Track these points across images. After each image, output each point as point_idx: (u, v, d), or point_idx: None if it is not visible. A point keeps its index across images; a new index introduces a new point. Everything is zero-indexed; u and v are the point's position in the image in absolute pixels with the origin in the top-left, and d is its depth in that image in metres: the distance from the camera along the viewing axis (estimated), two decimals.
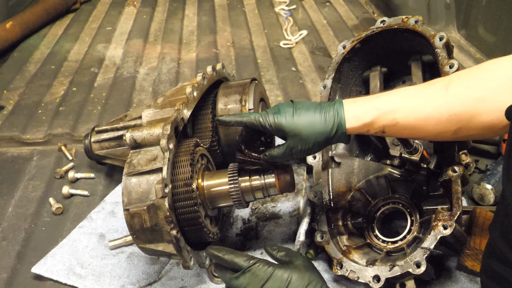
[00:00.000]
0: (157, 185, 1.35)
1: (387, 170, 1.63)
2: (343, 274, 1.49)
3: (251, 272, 1.24)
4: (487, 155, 2.09)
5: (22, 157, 2.29)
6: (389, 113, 1.29)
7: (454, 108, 1.23)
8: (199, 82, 1.69)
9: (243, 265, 1.25)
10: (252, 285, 1.22)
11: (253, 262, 1.25)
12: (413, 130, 1.29)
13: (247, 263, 1.25)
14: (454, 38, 3.21)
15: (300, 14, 3.87)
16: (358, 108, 1.31)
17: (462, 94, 1.23)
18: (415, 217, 1.53)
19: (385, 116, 1.29)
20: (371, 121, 1.30)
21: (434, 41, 1.58)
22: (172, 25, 3.77)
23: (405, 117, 1.27)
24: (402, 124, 1.28)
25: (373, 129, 1.30)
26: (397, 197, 1.60)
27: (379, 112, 1.29)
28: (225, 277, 1.30)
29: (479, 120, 1.22)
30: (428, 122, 1.26)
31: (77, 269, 1.67)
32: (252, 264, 1.24)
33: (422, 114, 1.26)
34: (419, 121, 1.27)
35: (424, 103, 1.27)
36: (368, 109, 1.30)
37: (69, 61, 3.23)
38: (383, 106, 1.29)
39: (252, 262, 1.24)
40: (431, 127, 1.27)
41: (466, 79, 1.25)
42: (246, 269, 1.24)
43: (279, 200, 1.94)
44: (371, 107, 1.30)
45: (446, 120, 1.24)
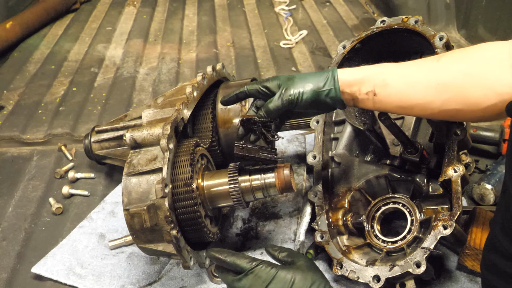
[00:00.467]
0: (157, 185, 1.35)
1: (387, 170, 1.63)
2: (343, 274, 1.49)
3: (254, 274, 1.23)
4: (487, 155, 2.09)
5: (22, 157, 2.29)
6: (379, 74, 1.34)
7: (442, 77, 1.27)
8: (199, 82, 1.69)
9: (246, 267, 1.25)
10: (255, 287, 1.22)
11: (255, 264, 1.24)
12: (402, 95, 1.31)
13: (250, 265, 1.25)
14: (454, 38, 3.21)
15: (300, 14, 3.87)
16: (350, 69, 1.38)
17: (451, 66, 1.27)
18: (415, 217, 1.53)
19: (376, 76, 1.33)
20: (362, 78, 1.34)
21: (434, 41, 1.58)
22: (172, 25, 3.77)
23: (395, 80, 1.31)
24: (392, 87, 1.31)
25: (365, 88, 1.33)
26: (397, 197, 1.60)
27: (369, 71, 1.35)
28: (227, 279, 1.29)
29: (466, 94, 1.24)
30: (416, 89, 1.29)
31: (77, 269, 1.67)
32: (254, 266, 1.24)
33: (411, 78, 1.31)
34: (408, 86, 1.30)
35: (414, 70, 1.32)
36: (360, 69, 1.37)
37: (69, 61, 3.23)
38: (374, 68, 1.36)
39: (255, 264, 1.24)
40: (420, 94, 1.29)
41: (457, 54, 1.30)
42: (249, 271, 1.24)
43: (279, 200, 1.94)
44: (362, 68, 1.38)
45: (434, 89, 1.27)
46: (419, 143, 1.59)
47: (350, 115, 1.82)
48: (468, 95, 1.24)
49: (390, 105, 1.35)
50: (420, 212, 1.55)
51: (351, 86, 1.33)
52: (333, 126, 1.86)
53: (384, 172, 1.63)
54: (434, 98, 1.28)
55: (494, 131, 2.06)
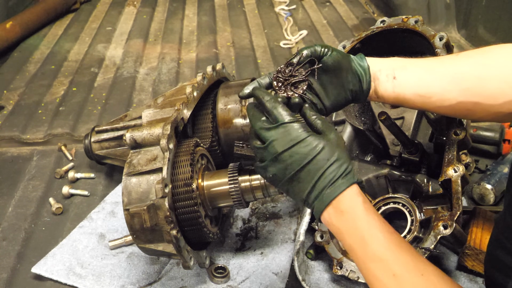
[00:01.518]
0: (157, 185, 1.35)
1: (387, 170, 1.63)
2: (343, 274, 1.49)
3: (285, 129, 1.14)
4: (487, 155, 2.09)
5: (22, 157, 2.28)
6: (399, 60, 1.35)
7: (460, 67, 1.28)
8: (199, 82, 1.69)
9: (281, 119, 1.15)
10: (280, 142, 1.14)
11: (291, 119, 1.15)
12: (421, 81, 1.31)
13: (287, 118, 1.15)
14: (454, 38, 3.21)
15: (300, 14, 3.87)
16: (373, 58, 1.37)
17: (469, 58, 1.29)
18: (415, 217, 1.53)
19: (395, 61, 1.34)
20: (382, 61, 1.34)
21: (434, 41, 1.58)
22: (172, 25, 3.77)
23: (413, 66, 1.32)
24: (410, 71, 1.31)
25: (385, 70, 1.32)
26: (397, 197, 1.60)
27: (390, 59, 1.36)
28: (256, 123, 1.19)
29: (483, 86, 1.25)
30: (435, 76, 1.29)
31: (77, 269, 1.67)
32: (289, 122, 1.15)
33: (429, 67, 1.31)
34: (427, 72, 1.31)
35: (432, 60, 1.34)
36: (381, 59, 1.37)
37: (69, 61, 3.23)
38: (393, 58, 1.37)
39: (290, 119, 1.15)
40: (438, 82, 1.29)
41: (476, 50, 1.32)
42: (282, 124, 1.15)
43: (279, 200, 1.95)
44: (384, 58, 1.38)
45: (452, 77, 1.27)
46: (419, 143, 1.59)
47: (350, 115, 1.82)
48: (485, 86, 1.24)
49: (409, 91, 1.32)
50: (420, 212, 1.55)
51: (373, 65, 1.33)
52: (333, 126, 1.86)
53: (384, 172, 1.63)
54: (452, 88, 1.28)
55: (494, 131, 2.06)
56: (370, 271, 1.07)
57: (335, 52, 1.31)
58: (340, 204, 1.10)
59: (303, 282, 1.57)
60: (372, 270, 1.06)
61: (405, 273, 1.04)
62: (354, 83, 1.33)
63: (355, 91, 1.34)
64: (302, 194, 1.13)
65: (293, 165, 1.12)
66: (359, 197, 1.11)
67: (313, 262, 1.67)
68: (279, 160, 1.14)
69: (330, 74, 1.33)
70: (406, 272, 1.04)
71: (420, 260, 1.07)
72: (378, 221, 1.10)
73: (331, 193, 1.10)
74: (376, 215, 1.11)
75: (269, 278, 1.61)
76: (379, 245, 1.06)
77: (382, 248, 1.06)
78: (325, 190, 1.10)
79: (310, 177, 1.11)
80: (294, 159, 1.12)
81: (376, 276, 1.05)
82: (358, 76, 1.32)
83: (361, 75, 1.32)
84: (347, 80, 1.33)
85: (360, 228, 1.08)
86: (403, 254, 1.06)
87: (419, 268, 1.04)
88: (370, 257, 1.06)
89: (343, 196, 1.10)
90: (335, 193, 1.10)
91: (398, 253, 1.06)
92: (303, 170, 1.12)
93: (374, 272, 1.06)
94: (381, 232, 1.08)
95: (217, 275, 1.61)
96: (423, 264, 1.06)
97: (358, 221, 1.09)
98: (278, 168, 1.14)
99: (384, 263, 1.05)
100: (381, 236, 1.07)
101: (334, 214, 1.11)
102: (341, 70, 1.32)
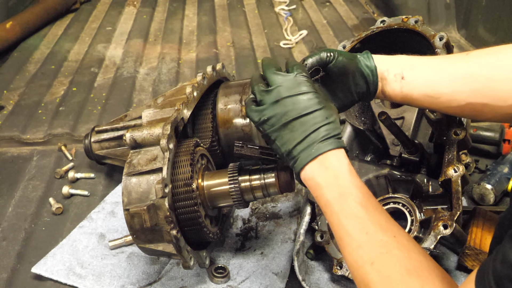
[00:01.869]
0: (157, 185, 1.35)
1: (387, 170, 1.63)
2: (343, 274, 1.49)
3: (296, 79, 1.18)
4: (487, 155, 2.09)
5: (22, 157, 2.29)
6: (407, 59, 1.33)
7: (470, 68, 1.26)
8: (199, 82, 1.69)
9: (294, 71, 1.20)
10: (286, 88, 1.17)
11: (305, 75, 1.20)
12: (429, 81, 1.29)
13: (300, 73, 1.20)
14: (454, 38, 3.20)
15: (300, 14, 3.87)
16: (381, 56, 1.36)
17: (480, 58, 1.28)
18: (415, 217, 1.53)
19: (404, 60, 1.33)
20: (390, 60, 1.33)
21: (434, 41, 1.58)
22: (172, 25, 3.77)
23: (422, 65, 1.31)
24: (419, 71, 1.30)
25: (393, 70, 1.31)
26: (397, 197, 1.60)
27: (398, 57, 1.35)
28: (269, 68, 1.23)
29: (493, 87, 1.24)
30: (444, 77, 1.28)
31: (77, 269, 1.67)
32: (301, 76, 1.20)
33: (439, 66, 1.30)
34: (436, 72, 1.29)
35: (442, 60, 1.33)
36: (387, 56, 1.36)
37: (69, 61, 3.23)
38: (402, 55, 1.36)
39: (304, 75, 1.20)
40: (447, 82, 1.28)
41: (487, 50, 1.30)
42: (294, 74, 1.19)
43: (279, 200, 1.95)
44: (390, 56, 1.36)
45: (462, 79, 1.26)
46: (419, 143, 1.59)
47: (350, 115, 1.82)
48: (495, 88, 1.23)
49: (417, 91, 1.32)
50: (420, 212, 1.55)
51: (380, 65, 1.32)
52: None
53: (384, 172, 1.63)
54: (461, 89, 1.27)
55: (494, 131, 2.06)
56: (342, 227, 1.08)
57: (341, 57, 1.31)
58: (325, 161, 1.13)
59: (303, 282, 1.57)
60: (345, 226, 1.08)
61: (379, 232, 1.05)
62: (361, 85, 1.33)
63: (361, 93, 1.35)
64: (290, 144, 1.16)
65: (291, 112, 1.15)
66: (346, 159, 1.14)
67: (313, 262, 1.67)
68: (280, 104, 1.16)
69: (336, 79, 1.34)
70: (380, 231, 1.05)
71: (394, 223, 1.08)
72: (359, 183, 1.12)
73: (320, 148, 1.13)
74: (358, 178, 1.14)
75: (269, 278, 1.62)
76: (356, 202, 1.08)
77: (359, 206, 1.08)
78: (315, 144, 1.13)
79: (304, 128, 1.15)
80: (295, 107, 1.15)
81: (349, 232, 1.07)
82: (365, 77, 1.32)
83: (368, 76, 1.32)
84: (354, 83, 1.33)
85: (342, 185, 1.11)
86: (378, 215, 1.08)
87: (392, 230, 1.06)
88: (346, 213, 1.08)
89: (331, 154, 1.13)
90: (324, 149, 1.13)
91: (373, 213, 1.08)
92: (300, 119, 1.15)
93: (347, 228, 1.07)
94: (360, 192, 1.10)
95: (217, 275, 1.61)
96: (397, 228, 1.07)
97: (340, 178, 1.11)
98: (275, 112, 1.17)
99: (359, 220, 1.07)
100: (360, 195, 1.09)
101: (317, 169, 1.13)
102: (347, 74, 1.32)
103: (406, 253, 1.02)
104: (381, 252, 1.02)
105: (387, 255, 1.02)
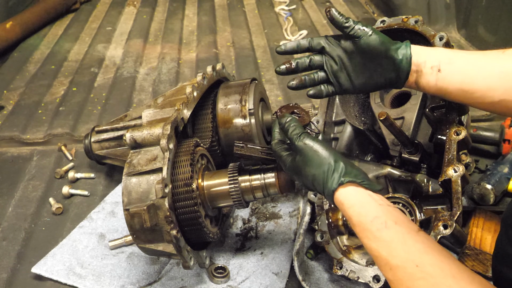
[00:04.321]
0: (157, 185, 1.35)
1: (387, 170, 1.63)
2: (343, 274, 1.49)
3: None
4: (487, 155, 2.09)
5: (22, 157, 2.29)
6: (446, 52, 1.33)
7: (506, 66, 1.26)
8: (199, 82, 1.69)
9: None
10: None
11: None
12: (466, 77, 1.29)
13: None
14: (454, 38, 3.20)
15: (300, 14, 3.87)
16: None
17: None
18: (415, 217, 1.53)
19: (442, 53, 1.33)
20: (429, 52, 1.33)
21: (434, 41, 1.58)
22: (172, 25, 3.77)
23: (460, 59, 1.31)
24: (456, 66, 1.30)
25: (430, 62, 1.31)
26: (397, 197, 1.60)
27: (436, 49, 1.35)
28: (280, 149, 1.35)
29: None
30: (480, 73, 1.28)
31: (77, 269, 1.67)
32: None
33: (476, 62, 1.29)
34: (473, 68, 1.29)
35: (479, 56, 1.32)
36: (426, 47, 1.36)
37: (69, 61, 3.23)
38: (440, 48, 1.37)
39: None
40: (482, 79, 1.28)
41: None
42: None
43: (279, 200, 1.94)
44: (428, 47, 1.36)
45: (497, 76, 1.26)
46: (419, 143, 1.59)
47: (350, 115, 1.82)
48: None
49: (452, 85, 1.32)
50: (420, 212, 1.55)
51: (419, 55, 1.32)
52: (333, 126, 1.86)
53: (384, 172, 1.63)
54: (496, 86, 1.27)
55: (494, 131, 2.06)
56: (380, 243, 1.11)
57: (375, 35, 1.31)
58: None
59: (303, 282, 1.57)
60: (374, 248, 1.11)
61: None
62: (390, 70, 1.33)
63: (389, 78, 1.35)
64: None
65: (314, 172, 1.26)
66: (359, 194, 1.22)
67: (313, 262, 1.67)
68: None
69: (365, 56, 1.34)
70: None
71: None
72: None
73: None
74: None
75: (269, 278, 1.62)
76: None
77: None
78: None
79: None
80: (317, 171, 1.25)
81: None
82: (397, 65, 1.32)
83: (400, 63, 1.32)
84: (382, 66, 1.34)
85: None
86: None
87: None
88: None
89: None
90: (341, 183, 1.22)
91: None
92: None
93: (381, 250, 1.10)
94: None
95: (217, 275, 1.61)
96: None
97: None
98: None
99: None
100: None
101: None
102: (377, 55, 1.33)
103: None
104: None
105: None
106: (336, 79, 1.42)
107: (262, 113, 1.86)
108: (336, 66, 1.40)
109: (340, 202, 1.20)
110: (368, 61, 1.35)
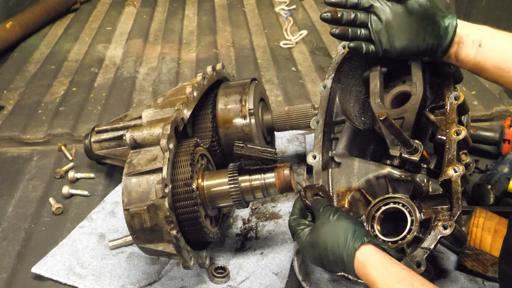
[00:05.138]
0: (157, 185, 1.35)
1: (387, 170, 1.63)
2: (343, 274, 1.48)
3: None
4: (487, 155, 2.09)
5: (22, 157, 2.29)
6: (489, 29, 1.36)
7: None
8: (199, 82, 1.69)
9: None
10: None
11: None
12: (504, 54, 1.32)
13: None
14: None
15: (300, 14, 3.87)
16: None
17: None
18: (415, 217, 1.53)
19: (485, 29, 1.36)
20: (473, 26, 1.35)
21: None
22: (172, 25, 3.77)
23: (501, 37, 1.34)
24: (497, 42, 1.33)
25: (473, 36, 1.34)
26: (397, 197, 1.60)
27: (480, 26, 1.37)
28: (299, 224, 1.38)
29: None
30: None
31: (77, 269, 1.67)
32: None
33: None
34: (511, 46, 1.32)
35: None
36: (471, 24, 1.38)
37: (69, 61, 3.23)
38: (484, 27, 1.38)
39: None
40: None
41: None
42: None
43: (279, 200, 1.94)
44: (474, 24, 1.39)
45: None
46: (419, 143, 1.59)
47: (350, 115, 1.82)
48: None
49: (490, 61, 1.34)
50: (420, 212, 1.55)
51: (463, 27, 1.35)
52: (333, 126, 1.86)
53: (384, 172, 1.63)
54: None
55: (494, 131, 2.06)
56: None
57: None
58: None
59: (303, 282, 1.57)
60: None
61: None
62: (434, 36, 1.35)
63: (431, 45, 1.36)
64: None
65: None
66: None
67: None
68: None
69: (412, 17, 1.35)
70: None
71: None
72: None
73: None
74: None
75: (269, 278, 1.61)
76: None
77: None
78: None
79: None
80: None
81: None
82: (442, 31, 1.34)
83: (446, 30, 1.34)
84: (427, 30, 1.35)
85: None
86: None
87: None
88: None
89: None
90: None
91: None
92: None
93: None
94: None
95: (217, 275, 1.61)
96: None
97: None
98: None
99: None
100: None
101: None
102: (425, 17, 1.34)
103: None
104: None
105: None
106: (379, 38, 1.41)
107: (262, 113, 1.86)
108: (381, 24, 1.40)
109: (362, 264, 1.20)
110: (414, 22, 1.36)
